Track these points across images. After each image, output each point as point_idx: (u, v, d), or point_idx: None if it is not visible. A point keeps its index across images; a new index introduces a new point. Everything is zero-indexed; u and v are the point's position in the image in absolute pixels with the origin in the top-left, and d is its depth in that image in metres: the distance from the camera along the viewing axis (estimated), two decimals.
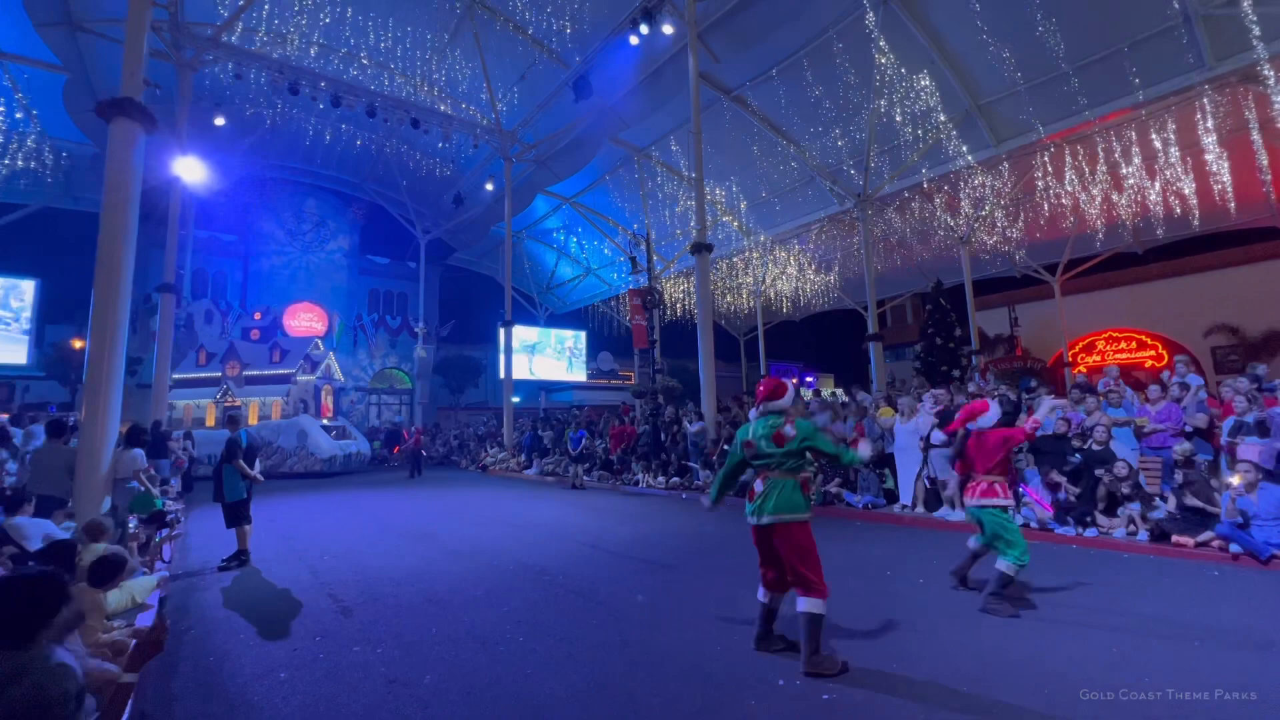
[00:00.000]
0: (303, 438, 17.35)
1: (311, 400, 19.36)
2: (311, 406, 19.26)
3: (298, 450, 17.12)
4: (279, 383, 19.64)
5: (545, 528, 8.47)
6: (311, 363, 20.06)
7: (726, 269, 24.23)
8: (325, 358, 20.58)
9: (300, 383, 19.45)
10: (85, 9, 13.56)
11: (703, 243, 13.01)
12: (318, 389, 19.74)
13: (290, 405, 19.06)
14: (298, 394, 19.45)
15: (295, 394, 19.45)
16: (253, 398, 19.57)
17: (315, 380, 19.63)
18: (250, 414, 19.18)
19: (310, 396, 19.38)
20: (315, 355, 20.35)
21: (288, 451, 17.14)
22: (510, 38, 16.43)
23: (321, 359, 20.39)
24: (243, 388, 19.73)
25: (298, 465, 16.94)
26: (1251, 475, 5.52)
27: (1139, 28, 11.37)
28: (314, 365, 20.02)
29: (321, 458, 17.04)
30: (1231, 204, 15.15)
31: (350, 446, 18.51)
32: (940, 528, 7.66)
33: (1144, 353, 22.49)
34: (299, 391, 19.46)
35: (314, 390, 19.53)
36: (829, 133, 16.31)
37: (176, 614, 4.86)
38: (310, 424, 17.73)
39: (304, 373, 19.73)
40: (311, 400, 19.36)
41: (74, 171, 18.67)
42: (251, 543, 6.73)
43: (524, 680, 3.42)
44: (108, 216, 7.37)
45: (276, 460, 16.89)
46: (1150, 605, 4.46)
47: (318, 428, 17.77)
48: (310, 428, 17.58)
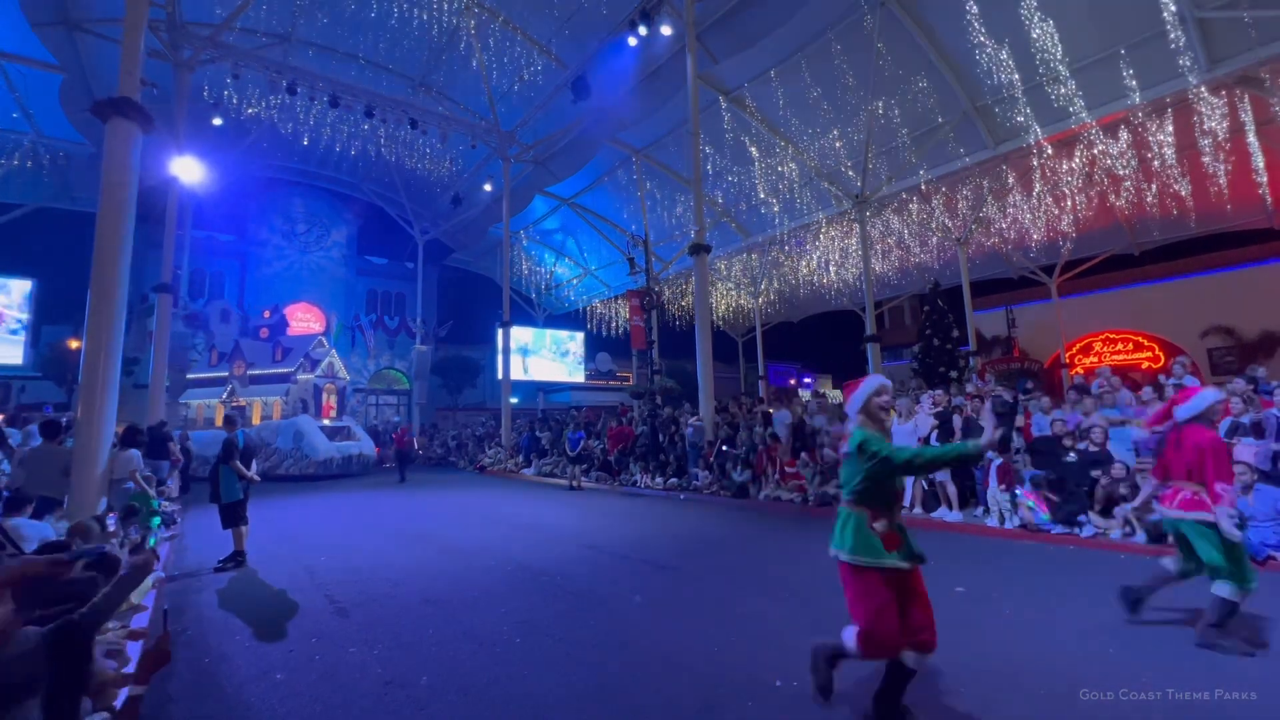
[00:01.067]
0: (298, 439, 16.76)
1: (311, 400, 18.66)
2: (311, 406, 18.57)
3: (293, 452, 16.60)
4: (280, 381, 19.26)
5: (543, 528, 8.46)
6: (312, 361, 19.46)
7: (725, 270, 24.24)
8: (327, 356, 19.83)
9: (300, 382, 18.93)
10: (82, 9, 13.53)
11: (701, 244, 13.02)
12: (318, 388, 18.99)
13: (290, 405, 18.53)
14: (298, 393, 18.92)
15: (295, 393, 18.93)
16: (256, 397, 19.17)
17: (315, 379, 18.96)
18: (254, 414, 18.82)
19: (310, 396, 18.72)
20: (316, 354, 19.73)
21: (285, 453, 16.67)
22: (509, 38, 16.43)
23: (322, 357, 19.71)
24: (247, 387, 19.44)
25: (293, 467, 16.42)
26: (1247, 477, 5.54)
27: (1135, 30, 11.41)
28: (314, 364, 19.40)
29: (316, 459, 16.39)
30: (1228, 206, 15.21)
31: (351, 448, 17.83)
32: (939, 528, 7.67)
33: (1141, 354, 22.54)
34: (299, 391, 18.93)
35: (313, 389, 18.84)
36: (827, 134, 16.34)
37: (173, 615, 4.84)
38: (307, 424, 17.18)
39: (304, 371, 19.15)
40: (311, 400, 18.66)
41: (70, 171, 18.61)
42: (248, 543, 6.71)
43: (521, 681, 3.41)
44: (104, 216, 7.36)
45: (274, 462, 16.51)
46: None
47: (315, 428, 17.20)
48: (306, 428, 17.01)
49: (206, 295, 27.56)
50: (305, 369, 19.16)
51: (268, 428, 17.27)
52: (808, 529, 7.99)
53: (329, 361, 19.78)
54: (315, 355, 19.65)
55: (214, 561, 6.47)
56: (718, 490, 11.04)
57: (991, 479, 7.60)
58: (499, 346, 20.95)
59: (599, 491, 13.00)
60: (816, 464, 9.92)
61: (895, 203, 18.00)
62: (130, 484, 7.24)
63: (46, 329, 23.29)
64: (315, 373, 19.10)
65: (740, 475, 10.74)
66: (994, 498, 7.52)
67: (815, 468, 9.87)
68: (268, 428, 17.27)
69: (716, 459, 11.60)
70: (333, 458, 16.79)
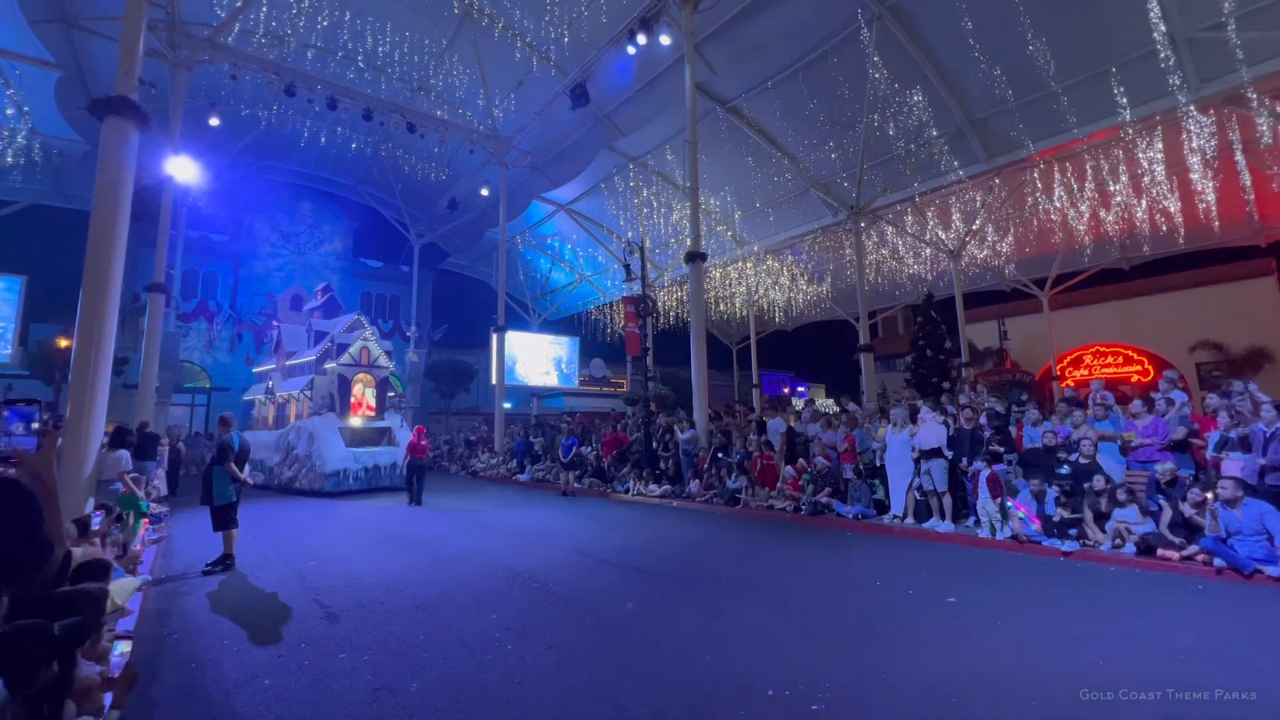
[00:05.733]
0: (310, 444, 13.87)
1: (338, 394, 14.97)
2: (338, 402, 14.91)
3: (306, 459, 13.86)
4: (308, 372, 15.97)
5: (535, 534, 8.42)
6: (339, 346, 15.48)
7: (720, 278, 24.34)
8: (358, 339, 15.65)
9: (328, 371, 15.33)
10: (80, 7, 13.50)
11: (697, 251, 13.08)
12: (344, 379, 15.01)
13: (316, 402, 15.07)
14: (325, 387, 15.26)
15: (322, 387, 15.29)
16: (293, 390, 15.98)
17: (339, 368, 15.06)
18: (290, 411, 16.18)
19: (336, 389, 15.02)
20: (343, 338, 15.75)
21: (303, 460, 13.96)
22: (508, 44, 16.50)
23: (352, 341, 15.57)
24: (285, 381, 16.87)
25: (303, 480, 13.75)
26: (1235, 491, 5.60)
27: (1126, 49, 11.62)
28: (341, 349, 15.42)
29: (324, 472, 13.26)
30: (1216, 223, 15.43)
31: (381, 457, 14.33)
32: (931, 539, 7.69)
33: (1130, 367, 22.76)
34: (325, 384, 15.28)
35: (339, 381, 15.00)
36: (823, 145, 16.51)
37: (159, 618, 4.79)
38: (321, 427, 14.04)
39: (331, 358, 15.38)
40: (338, 394, 14.97)
41: (65, 169, 18.49)
42: (237, 547, 6.65)
43: (512, 688, 3.39)
44: (98, 214, 7.32)
45: (294, 472, 14.06)
46: (1133, 619, 4.50)
47: (330, 432, 13.99)
48: (320, 431, 13.92)
49: (199, 295, 27.43)
50: (331, 356, 15.43)
51: (293, 429, 14.75)
52: (801, 538, 7.99)
53: (362, 346, 15.56)
54: (341, 340, 15.70)
55: (202, 564, 6.41)
56: (711, 498, 11.04)
57: (982, 490, 7.64)
58: (493, 351, 20.86)
59: (591, 498, 12.96)
60: (810, 473, 9.94)
61: (889, 214, 18.15)
62: (118, 485, 7.17)
63: (36, 326, 23.05)
64: (339, 360, 15.11)
65: (734, 483, 10.75)
66: (984, 509, 7.56)
67: (809, 476, 9.89)
68: (293, 429, 14.75)
69: (710, 466, 11.60)
70: (345, 469, 13.53)
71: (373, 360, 15.63)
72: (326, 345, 15.67)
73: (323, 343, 15.90)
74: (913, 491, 8.50)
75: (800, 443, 11.05)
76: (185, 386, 25.80)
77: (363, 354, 15.49)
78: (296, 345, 17.23)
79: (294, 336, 17.53)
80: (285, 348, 17.37)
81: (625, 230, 22.43)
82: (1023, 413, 8.69)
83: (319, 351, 15.74)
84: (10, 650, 2.14)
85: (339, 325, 16.38)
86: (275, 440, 15.14)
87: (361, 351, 15.48)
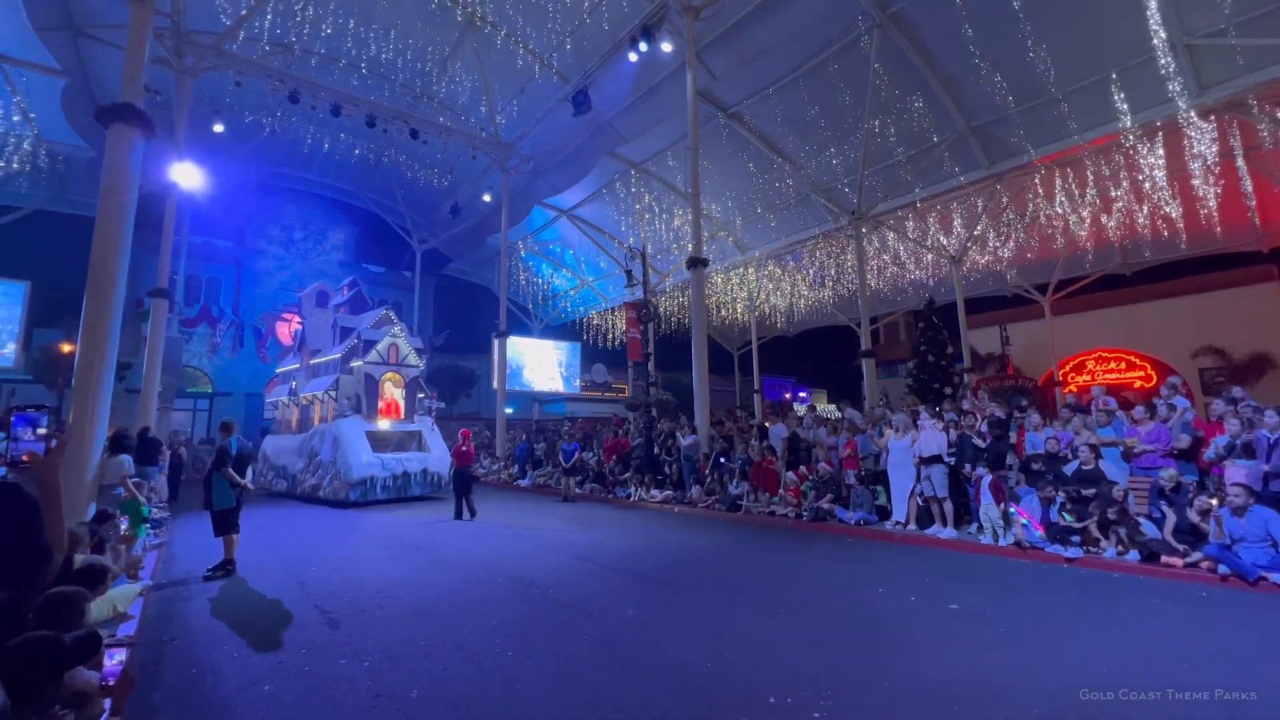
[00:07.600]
0: (335, 448, 12.95)
1: (364, 394, 13.79)
2: (364, 403, 13.72)
3: (331, 465, 12.93)
4: (333, 371, 14.88)
5: (536, 540, 8.41)
6: (366, 344, 14.16)
7: (721, 283, 24.36)
8: (387, 336, 14.40)
9: (354, 370, 14.14)
10: (86, 14, 13.60)
11: (698, 257, 13.10)
12: (371, 378, 13.83)
13: (340, 403, 13.97)
14: (350, 387, 14.13)
15: (347, 387, 14.17)
16: (318, 390, 14.90)
17: (365, 366, 13.83)
18: (314, 413, 15.13)
19: (363, 389, 13.82)
20: (370, 335, 14.39)
21: (327, 465, 13.10)
22: (511, 51, 16.60)
23: (380, 338, 14.30)
24: (310, 381, 15.87)
25: (327, 489, 12.91)
26: (1241, 499, 5.57)
27: (1126, 55, 11.66)
28: (368, 346, 14.10)
29: (350, 480, 12.27)
30: (1218, 228, 15.41)
31: (411, 463, 13.24)
32: (933, 545, 7.66)
33: (1133, 373, 22.69)
34: (351, 384, 14.14)
35: (365, 380, 13.81)
36: (824, 151, 16.55)
37: (160, 623, 4.78)
38: (346, 429, 12.98)
39: (357, 356, 14.14)
40: (364, 394, 13.79)
41: (70, 175, 18.59)
42: (238, 552, 6.64)
43: (512, 695, 3.38)
44: (103, 220, 7.35)
45: (318, 479, 13.22)
46: (1136, 625, 4.47)
47: (355, 435, 12.95)
48: (345, 434, 12.86)
49: (202, 300, 27.51)
50: (357, 353, 14.19)
51: (316, 433, 13.89)
52: (802, 544, 7.96)
53: (391, 344, 14.42)
54: (369, 336, 14.36)
55: (203, 570, 6.41)
56: (712, 503, 11.01)
57: (984, 495, 7.61)
58: (495, 356, 20.87)
59: (593, 503, 12.94)
60: (812, 479, 9.91)
61: (891, 220, 18.17)
62: (120, 489, 7.18)
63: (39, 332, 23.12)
64: (365, 358, 13.90)
65: (735, 488, 10.72)
66: (987, 515, 7.53)
67: (811, 483, 9.86)
68: (316, 433, 13.89)
69: (712, 471, 11.58)
70: (372, 476, 12.50)
71: (402, 359, 14.53)
72: (353, 342, 14.44)
73: (349, 339, 14.70)
74: (915, 497, 8.47)
75: (803, 448, 11.03)
76: (188, 391, 25.83)
77: (391, 352, 14.37)
78: (321, 343, 16.22)
79: (319, 334, 16.46)
80: (309, 345, 16.32)
81: (627, 236, 22.48)
82: (1024, 418, 8.67)
83: (345, 349, 14.61)
84: (21, 663, 2.13)
85: (366, 321, 15.06)
86: (299, 445, 14.43)
87: (390, 349, 14.35)
